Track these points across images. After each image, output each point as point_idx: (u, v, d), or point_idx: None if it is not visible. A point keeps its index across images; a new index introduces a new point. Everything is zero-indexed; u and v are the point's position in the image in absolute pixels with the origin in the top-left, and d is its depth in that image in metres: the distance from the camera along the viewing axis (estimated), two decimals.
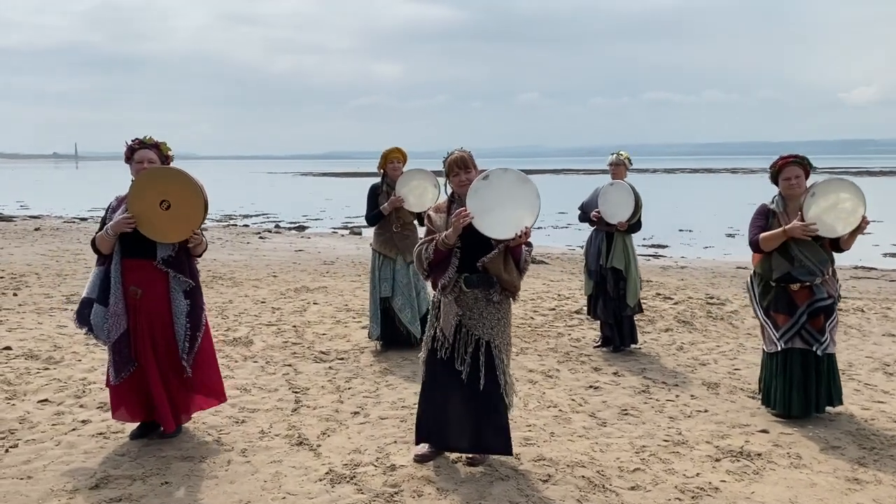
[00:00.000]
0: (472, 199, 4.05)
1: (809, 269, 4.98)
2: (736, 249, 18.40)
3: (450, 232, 4.06)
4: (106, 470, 4.17)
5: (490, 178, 4.09)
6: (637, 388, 5.89)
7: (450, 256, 4.13)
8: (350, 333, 7.54)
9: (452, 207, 4.23)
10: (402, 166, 6.90)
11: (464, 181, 4.16)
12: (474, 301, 4.16)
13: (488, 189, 4.07)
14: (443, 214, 4.24)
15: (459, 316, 4.14)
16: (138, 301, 4.46)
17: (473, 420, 4.15)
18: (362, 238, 20.64)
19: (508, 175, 4.11)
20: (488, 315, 4.16)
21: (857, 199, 4.87)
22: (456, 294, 4.15)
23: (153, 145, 4.60)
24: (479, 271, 4.12)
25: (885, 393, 5.77)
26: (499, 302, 4.18)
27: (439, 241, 4.11)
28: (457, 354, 4.15)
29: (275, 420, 5.03)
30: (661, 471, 4.26)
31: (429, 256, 4.15)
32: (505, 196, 4.06)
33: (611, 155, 7.12)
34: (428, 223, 4.27)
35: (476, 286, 4.13)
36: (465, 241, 4.11)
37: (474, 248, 4.11)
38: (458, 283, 4.14)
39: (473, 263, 4.12)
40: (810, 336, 5.01)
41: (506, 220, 4.04)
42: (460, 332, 4.15)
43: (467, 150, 4.25)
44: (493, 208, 4.04)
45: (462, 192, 4.18)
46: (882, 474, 4.24)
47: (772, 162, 5.27)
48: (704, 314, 8.66)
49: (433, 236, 4.17)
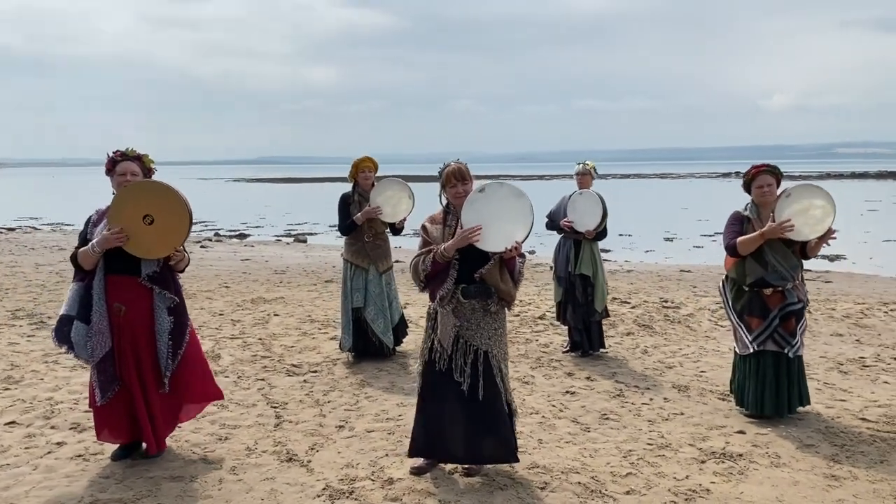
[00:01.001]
0: (468, 212, 4.08)
1: (782, 275, 5.19)
2: (676, 253, 18.96)
3: (450, 244, 4.08)
4: (93, 494, 4.04)
5: (486, 192, 4.13)
6: (612, 392, 6.01)
7: (448, 268, 4.15)
8: (319, 345, 7.46)
9: (448, 218, 4.25)
10: (373, 175, 6.88)
11: (460, 192, 4.19)
12: (472, 312, 4.18)
13: (484, 202, 4.11)
14: (439, 226, 4.25)
15: (457, 327, 4.16)
16: (121, 318, 4.33)
17: (474, 431, 4.16)
18: (308, 246, 20.43)
19: (503, 189, 4.15)
20: (486, 325, 4.19)
21: (828, 208, 5.08)
22: (454, 305, 4.16)
23: (136, 157, 4.48)
24: (475, 282, 4.15)
25: (844, 391, 6.04)
26: (496, 312, 4.22)
27: (437, 253, 4.12)
28: (455, 365, 4.17)
29: (259, 436, 4.95)
30: (652, 474, 4.36)
31: (426, 268, 4.16)
32: (499, 209, 4.10)
33: (577, 165, 7.25)
34: (424, 234, 4.27)
35: (473, 297, 4.16)
36: (461, 253, 4.13)
37: (471, 259, 4.13)
38: (455, 294, 4.16)
39: (470, 274, 4.14)
40: (782, 339, 5.22)
41: (498, 234, 4.08)
42: (458, 343, 4.17)
43: (463, 162, 4.27)
44: (487, 221, 4.08)
45: (458, 203, 4.20)
46: (857, 470, 4.44)
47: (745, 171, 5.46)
48: (662, 318, 8.89)
49: (430, 248, 4.17)
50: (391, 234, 6.98)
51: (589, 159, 7.20)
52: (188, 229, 4.33)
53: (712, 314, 9.11)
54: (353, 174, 6.91)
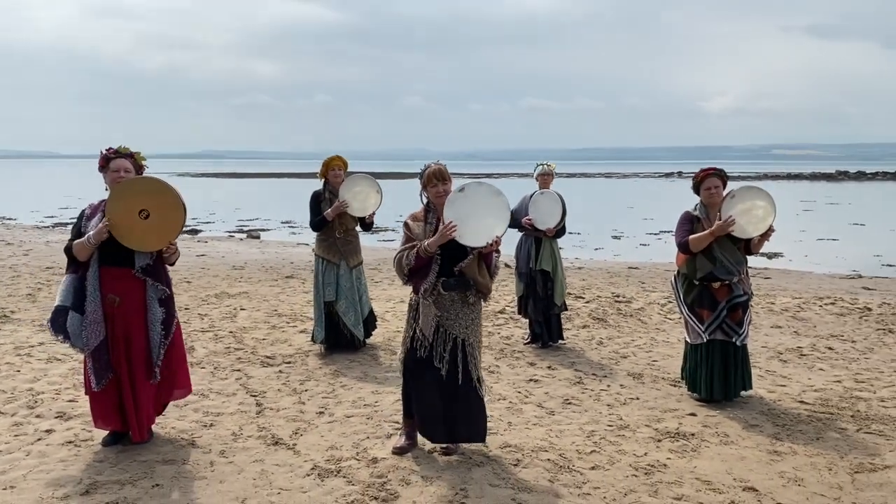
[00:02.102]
0: (449, 210, 4.39)
1: (728, 269, 5.64)
2: (624, 251, 19.60)
3: (433, 240, 4.38)
4: (91, 476, 4.23)
5: (466, 191, 4.44)
6: (572, 379, 6.40)
7: (430, 263, 4.46)
8: (290, 338, 7.68)
9: (429, 216, 4.55)
10: (343, 173, 7.13)
11: (441, 192, 4.49)
12: (451, 303, 4.50)
13: (464, 200, 4.42)
14: (420, 223, 4.55)
15: (438, 317, 4.48)
16: (115, 309, 4.51)
17: (451, 413, 4.49)
18: (262, 242, 20.47)
19: (482, 188, 4.48)
20: (464, 316, 4.51)
21: (769, 208, 5.55)
22: (435, 297, 4.47)
23: (128, 155, 4.66)
24: (455, 275, 4.47)
25: (784, 377, 6.55)
26: (473, 303, 4.55)
27: (421, 248, 4.42)
28: (435, 353, 4.48)
29: (242, 423, 5.18)
30: (614, 452, 4.75)
31: (410, 263, 4.46)
32: (478, 207, 4.43)
33: (538, 166, 7.64)
34: (406, 231, 4.57)
35: (454, 289, 4.48)
36: (442, 248, 4.44)
37: (451, 254, 4.45)
38: (437, 286, 4.47)
39: (450, 268, 4.46)
40: (730, 329, 5.67)
41: (479, 230, 4.40)
42: (438, 332, 4.48)
43: (443, 163, 4.58)
44: (467, 218, 4.40)
45: (438, 202, 4.51)
46: (796, 446, 4.90)
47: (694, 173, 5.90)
48: (615, 311, 9.36)
49: (413, 244, 4.47)
50: (361, 231, 7.24)
51: (537, 158, 7.58)
52: (182, 224, 4.54)
53: (661, 308, 9.62)
54: (324, 172, 7.15)
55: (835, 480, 4.37)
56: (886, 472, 4.48)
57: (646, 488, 4.22)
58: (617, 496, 4.11)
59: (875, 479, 4.40)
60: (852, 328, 8.62)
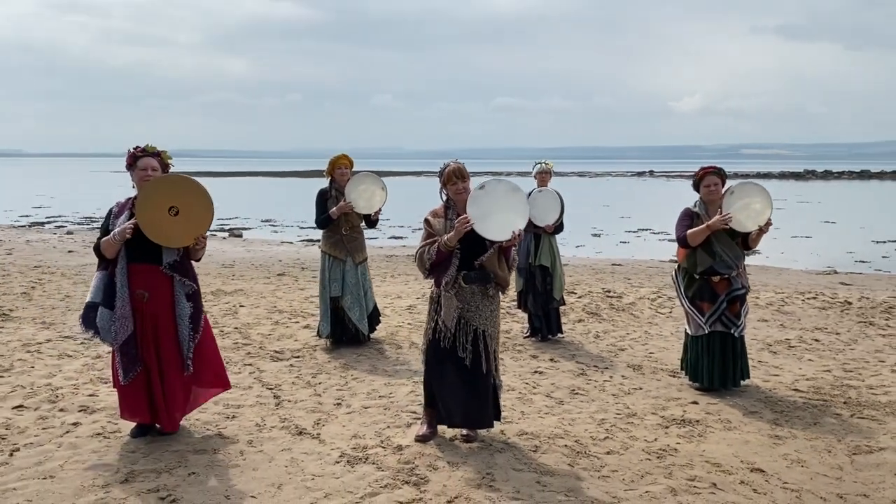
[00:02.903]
0: (471, 206, 4.58)
1: (728, 263, 5.89)
2: (605, 248, 19.93)
3: (452, 235, 4.57)
4: (127, 466, 4.35)
5: (486, 188, 4.63)
6: (575, 371, 6.62)
7: (451, 257, 4.64)
8: (294, 333, 7.82)
9: (449, 213, 4.73)
10: (349, 172, 7.28)
11: (460, 189, 4.68)
12: (471, 295, 4.69)
13: (485, 197, 4.61)
14: (441, 219, 4.74)
15: (459, 309, 4.66)
16: (144, 304, 4.63)
17: (472, 400, 4.67)
18: (246, 241, 20.48)
19: (502, 185, 4.68)
20: (484, 308, 4.71)
21: (765, 203, 5.81)
22: (456, 289, 4.66)
23: (155, 154, 4.77)
24: (476, 269, 4.66)
25: (776, 367, 6.84)
26: (493, 296, 4.74)
27: (441, 243, 4.60)
28: (458, 343, 4.67)
29: (264, 414, 5.32)
30: (626, 438, 4.97)
31: (431, 257, 4.64)
32: (499, 203, 4.62)
33: (536, 164, 7.86)
34: (427, 227, 4.75)
35: (474, 282, 4.67)
36: (463, 243, 4.63)
37: (471, 248, 4.64)
38: (458, 279, 4.66)
39: (471, 262, 4.65)
40: (729, 321, 5.93)
41: (500, 224, 4.60)
42: (460, 323, 4.67)
43: (461, 162, 4.77)
44: (489, 214, 4.59)
45: (458, 198, 4.69)
46: (796, 430, 5.17)
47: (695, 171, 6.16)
48: (608, 306, 9.61)
49: (434, 239, 4.66)
50: (367, 228, 7.40)
51: (509, 157, 7.84)
52: (211, 220, 4.67)
53: (652, 303, 9.90)
54: (330, 171, 7.30)
55: (835, 462, 4.63)
56: (882, 454, 4.75)
57: (660, 471, 4.44)
58: (635, 478, 4.32)
59: (872, 460, 4.67)
60: (835, 321, 8.95)
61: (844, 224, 26.91)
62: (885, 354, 7.35)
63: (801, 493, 4.17)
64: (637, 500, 4.04)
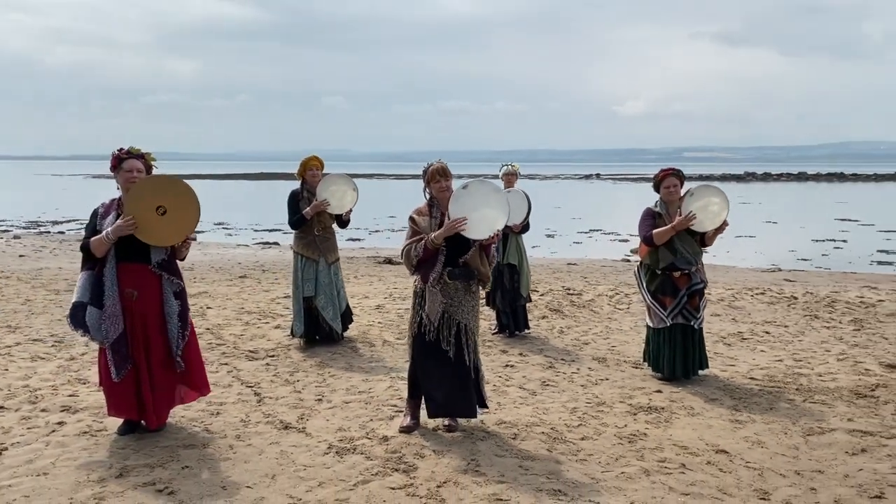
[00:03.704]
0: (455, 205, 4.79)
1: (688, 260, 6.23)
2: (559, 248, 20.34)
3: (440, 233, 4.77)
4: (119, 462, 4.43)
5: (469, 188, 4.85)
6: (544, 364, 6.89)
7: (437, 254, 4.84)
8: (266, 333, 7.91)
9: (433, 210, 4.93)
10: (320, 173, 7.42)
11: (444, 187, 4.89)
12: (455, 291, 4.90)
13: (468, 197, 4.83)
14: (426, 217, 4.93)
15: (444, 304, 4.86)
16: (133, 303, 4.72)
17: (455, 391, 4.88)
18: (201, 243, 20.29)
19: (484, 185, 4.90)
20: (466, 303, 4.92)
21: (723, 204, 6.17)
22: (441, 285, 4.86)
23: (139, 155, 4.86)
24: (460, 266, 4.87)
25: (732, 358, 7.21)
26: (475, 292, 4.96)
27: (428, 240, 4.80)
28: (441, 336, 4.87)
29: (247, 410, 5.43)
30: (598, 425, 5.24)
31: (418, 254, 4.83)
32: (481, 203, 4.84)
33: (503, 166, 8.13)
34: (412, 225, 4.94)
35: (458, 278, 4.87)
36: (447, 241, 4.83)
37: (455, 246, 4.85)
38: (443, 276, 4.86)
39: (455, 259, 4.86)
40: (689, 314, 6.26)
41: (482, 223, 4.82)
42: (444, 318, 4.87)
43: (444, 161, 4.97)
44: (471, 213, 4.80)
45: (441, 197, 4.90)
46: (754, 415, 5.51)
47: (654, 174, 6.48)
48: (569, 303, 9.93)
49: (421, 237, 4.85)
50: (338, 228, 7.54)
51: (460, 160, 8.10)
52: (198, 218, 4.78)
53: (610, 300, 10.25)
54: (301, 172, 7.43)
55: (791, 442, 4.97)
56: (833, 434, 5.11)
57: (633, 454, 4.71)
58: (609, 461, 4.59)
59: (824, 440, 5.03)
60: (783, 315, 9.43)
61: (785, 224, 27.94)
62: (830, 345, 7.80)
63: (762, 472, 4.48)
64: (614, 480, 4.30)
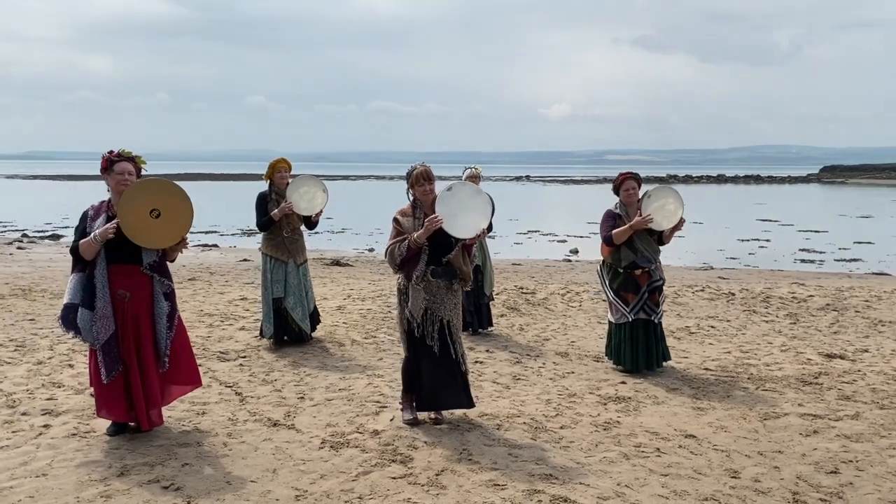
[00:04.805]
0: (440, 206, 5.01)
1: (648, 258, 6.61)
2: (501, 249, 20.73)
3: (421, 232, 4.97)
4: (117, 461, 4.48)
5: (453, 190, 5.07)
6: (511, 360, 7.16)
7: (419, 253, 5.04)
8: (233, 335, 7.94)
9: (416, 212, 5.13)
10: (288, 175, 7.51)
11: (427, 191, 5.09)
12: (437, 289, 5.11)
13: (452, 198, 5.05)
14: (409, 218, 5.13)
15: (427, 301, 5.07)
16: (125, 304, 4.76)
17: (444, 384, 5.10)
18: None
19: (466, 188, 5.14)
20: (448, 300, 5.14)
21: (678, 204, 6.57)
22: (425, 283, 5.06)
23: (130, 158, 4.90)
24: (442, 265, 5.08)
25: (684, 351, 7.64)
26: (456, 290, 5.19)
27: (411, 240, 4.99)
28: (426, 332, 5.07)
29: (232, 409, 5.52)
30: (573, 414, 5.54)
31: (402, 253, 5.02)
32: (464, 204, 5.08)
33: (466, 169, 8.36)
34: (396, 225, 5.12)
35: (441, 277, 5.09)
36: (430, 240, 5.04)
37: (438, 245, 5.06)
38: (426, 274, 5.06)
39: (437, 258, 5.07)
40: (650, 309, 6.64)
41: (466, 223, 5.05)
42: (427, 315, 5.07)
43: (428, 165, 5.17)
44: (456, 214, 5.03)
45: (424, 199, 5.10)
46: (714, 403, 5.90)
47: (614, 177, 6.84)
48: (524, 301, 10.26)
49: (404, 236, 5.04)
50: (306, 230, 7.65)
51: (387, 161, 8.35)
52: (191, 220, 4.85)
53: (562, 297, 10.63)
54: (270, 174, 7.50)
55: (750, 426, 5.37)
56: (787, 418, 5.55)
57: (610, 440, 5.02)
58: (590, 447, 4.88)
59: (780, 423, 5.45)
60: (724, 310, 9.98)
61: (711, 224, 29.11)
62: (771, 337, 8.34)
63: (729, 453, 4.85)
64: (598, 464, 4.59)
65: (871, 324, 9.06)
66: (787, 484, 4.35)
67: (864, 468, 4.59)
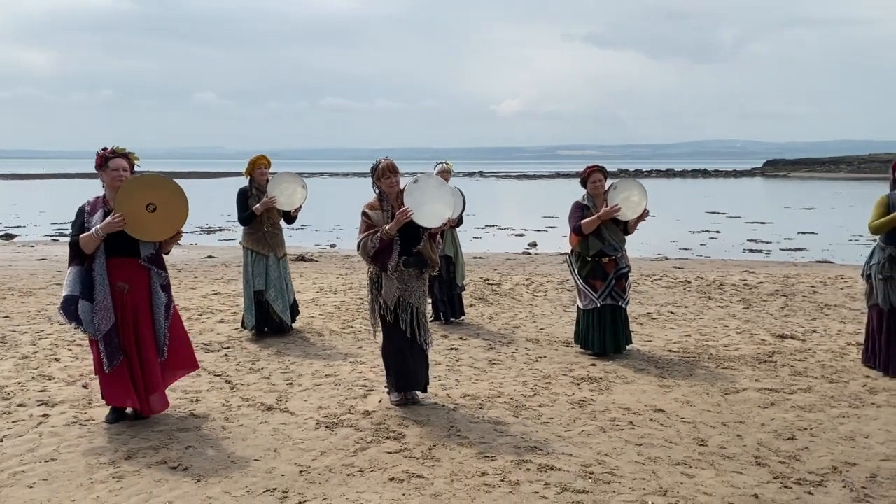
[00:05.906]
0: (408, 198, 5.28)
1: (615, 247, 7.00)
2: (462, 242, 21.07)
3: (392, 224, 5.23)
4: (122, 446, 4.67)
5: (419, 182, 5.35)
6: (485, 346, 7.49)
7: (391, 244, 5.31)
8: (213, 328, 8.11)
9: (384, 204, 5.39)
10: (268, 171, 7.71)
11: (393, 183, 5.36)
12: (409, 277, 5.39)
13: (418, 190, 5.33)
14: (378, 211, 5.38)
15: (399, 289, 5.35)
16: (125, 296, 4.94)
17: (416, 367, 5.41)
18: None
19: (432, 180, 5.45)
20: (418, 288, 5.43)
21: (642, 195, 6.98)
22: (398, 273, 5.34)
23: (124, 155, 5.07)
24: (413, 254, 5.36)
25: (647, 335, 8.07)
26: (425, 278, 5.49)
27: (383, 232, 5.25)
28: (400, 319, 5.35)
29: (225, 396, 5.73)
30: (550, 394, 5.89)
31: (375, 245, 5.28)
32: (430, 195, 5.37)
33: (437, 164, 8.66)
34: (365, 219, 5.35)
35: (412, 266, 5.37)
36: (401, 231, 5.31)
37: (408, 236, 5.34)
38: (399, 264, 5.34)
39: (408, 248, 5.35)
40: (617, 295, 7.03)
41: (433, 214, 5.35)
42: (399, 302, 5.35)
43: (392, 159, 5.43)
44: (422, 205, 5.31)
45: (391, 191, 5.36)
46: (678, 381, 6.32)
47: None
48: (491, 292, 10.61)
49: (376, 229, 5.29)
50: (285, 224, 7.85)
51: (338, 158, 8.64)
52: (186, 213, 5.05)
53: (527, 288, 11.01)
54: (250, 170, 7.70)
55: (713, 401, 5.80)
56: (745, 393, 5.99)
57: (587, 416, 5.39)
58: (569, 422, 5.24)
59: (739, 398, 5.88)
60: (681, 297, 10.48)
61: (662, 217, 29.88)
62: (726, 321, 8.83)
63: (696, 424, 5.26)
64: (578, 437, 4.95)
65: (818, 307, 9.64)
66: (750, 450, 4.76)
67: (817, 434, 5.03)
